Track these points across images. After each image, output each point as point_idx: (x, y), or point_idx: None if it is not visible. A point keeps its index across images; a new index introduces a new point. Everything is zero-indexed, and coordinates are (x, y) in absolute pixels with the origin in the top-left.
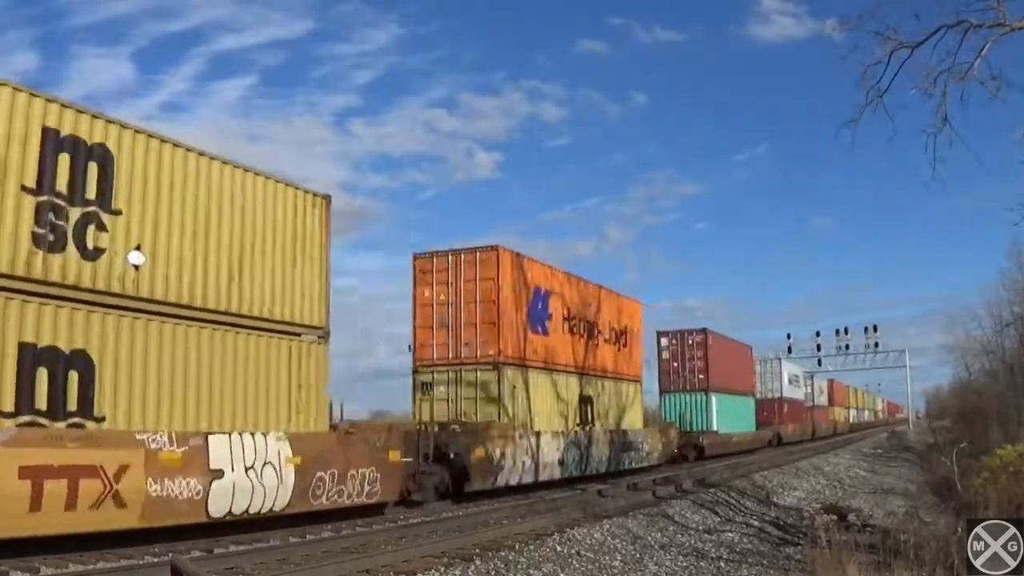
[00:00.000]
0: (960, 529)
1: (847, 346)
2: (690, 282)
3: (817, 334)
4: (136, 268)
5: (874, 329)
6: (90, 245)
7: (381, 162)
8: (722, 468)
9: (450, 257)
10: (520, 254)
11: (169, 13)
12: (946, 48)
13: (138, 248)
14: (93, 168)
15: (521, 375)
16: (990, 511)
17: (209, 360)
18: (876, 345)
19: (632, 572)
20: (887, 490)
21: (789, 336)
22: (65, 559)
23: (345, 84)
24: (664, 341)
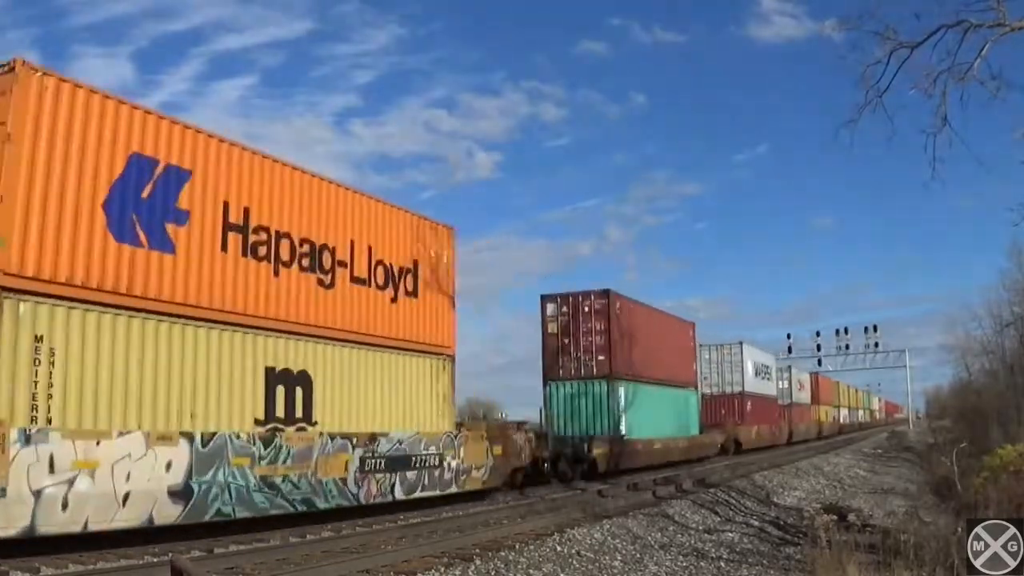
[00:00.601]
0: (960, 529)
1: (847, 346)
2: (690, 282)
3: (817, 334)
4: None
5: (874, 329)
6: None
7: (381, 162)
8: (722, 468)
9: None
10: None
11: (169, 13)
12: (946, 48)
13: None
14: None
15: None
16: (990, 511)
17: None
18: (876, 345)
19: (632, 572)
20: (887, 490)
21: (789, 336)
22: (65, 559)
23: (345, 84)
24: (551, 308)
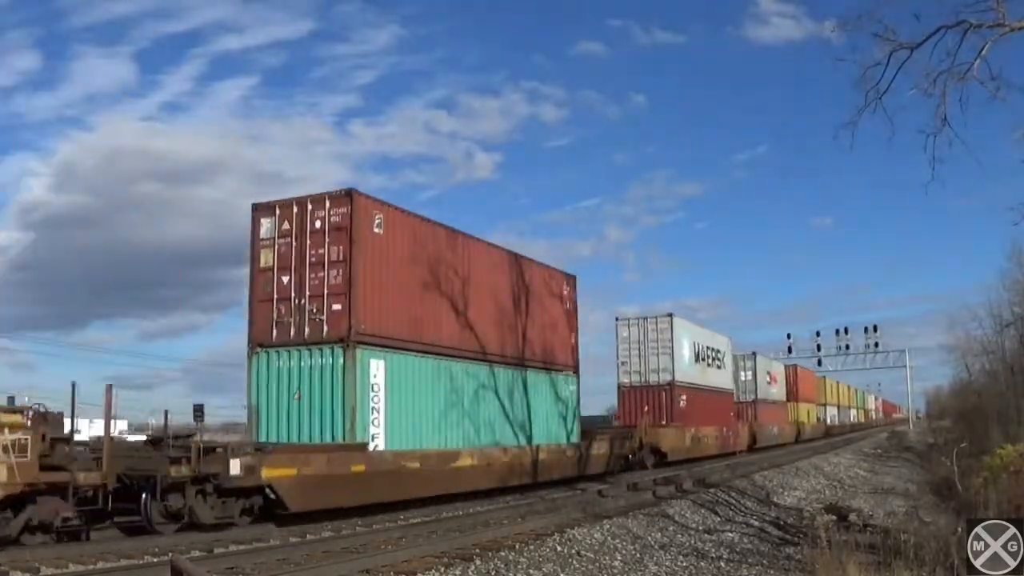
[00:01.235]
0: (960, 529)
1: (847, 346)
2: (690, 282)
3: (817, 334)
4: None
5: (874, 329)
6: None
7: (381, 163)
8: (722, 468)
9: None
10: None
11: (170, 14)
12: (946, 49)
13: None
14: None
15: None
16: (990, 511)
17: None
18: (876, 345)
19: (632, 572)
20: (887, 490)
21: (789, 336)
22: (65, 559)
23: (345, 85)
24: (265, 226)
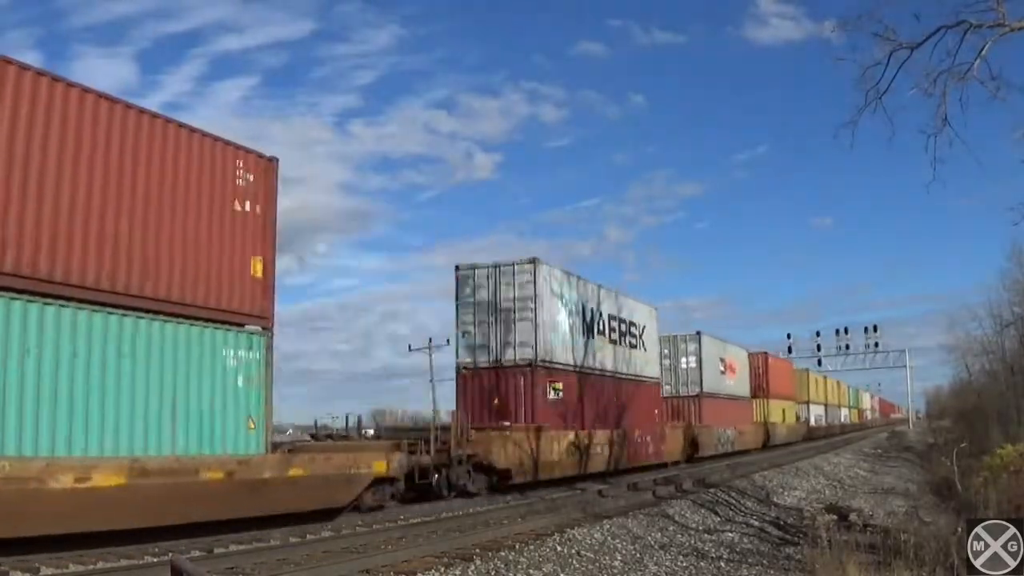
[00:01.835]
0: (960, 529)
1: (847, 346)
2: (690, 282)
3: (817, 334)
4: None
5: (874, 329)
6: None
7: (381, 163)
8: (722, 467)
9: None
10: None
11: (170, 14)
12: (946, 48)
13: None
14: None
15: None
16: (990, 511)
17: None
18: (876, 345)
19: (632, 572)
20: (887, 490)
21: (789, 336)
22: (65, 559)
23: (346, 85)
24: None
